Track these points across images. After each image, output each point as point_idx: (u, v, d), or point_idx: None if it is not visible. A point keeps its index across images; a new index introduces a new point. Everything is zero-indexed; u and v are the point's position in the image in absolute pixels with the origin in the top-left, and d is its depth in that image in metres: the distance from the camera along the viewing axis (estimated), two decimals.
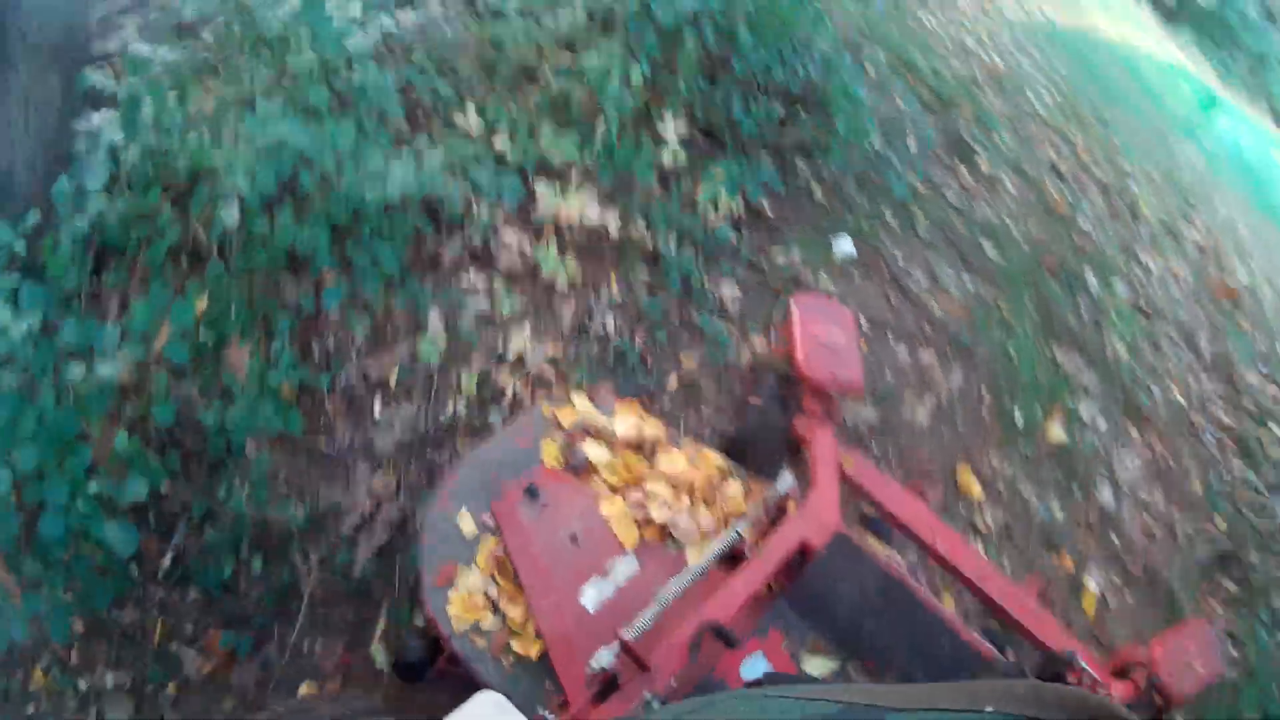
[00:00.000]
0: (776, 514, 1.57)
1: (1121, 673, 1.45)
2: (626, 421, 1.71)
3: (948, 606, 2.09)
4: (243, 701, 1.93)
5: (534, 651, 1.47)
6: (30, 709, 1.91)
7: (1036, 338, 3.24)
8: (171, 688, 1.94)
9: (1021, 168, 4.09)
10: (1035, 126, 4.47)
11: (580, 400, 1.74)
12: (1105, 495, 2.87)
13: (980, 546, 2.56)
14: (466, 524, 1.59)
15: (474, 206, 2.50)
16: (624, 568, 1.54)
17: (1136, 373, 3.40)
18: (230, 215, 2.05)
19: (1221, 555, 2.92)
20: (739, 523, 1.51)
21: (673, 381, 2.56)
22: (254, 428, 2.00)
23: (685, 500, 1.62)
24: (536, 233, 2.65)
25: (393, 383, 2.28)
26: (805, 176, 3.33)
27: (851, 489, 1.64)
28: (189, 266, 2.17)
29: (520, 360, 2.42)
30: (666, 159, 2.96)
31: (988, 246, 3.51)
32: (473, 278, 2.48)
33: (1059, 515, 2.77)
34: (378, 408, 2.25)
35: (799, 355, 1.67)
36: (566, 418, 1.72)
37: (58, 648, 1.93)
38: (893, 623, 1.41)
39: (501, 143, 2.72)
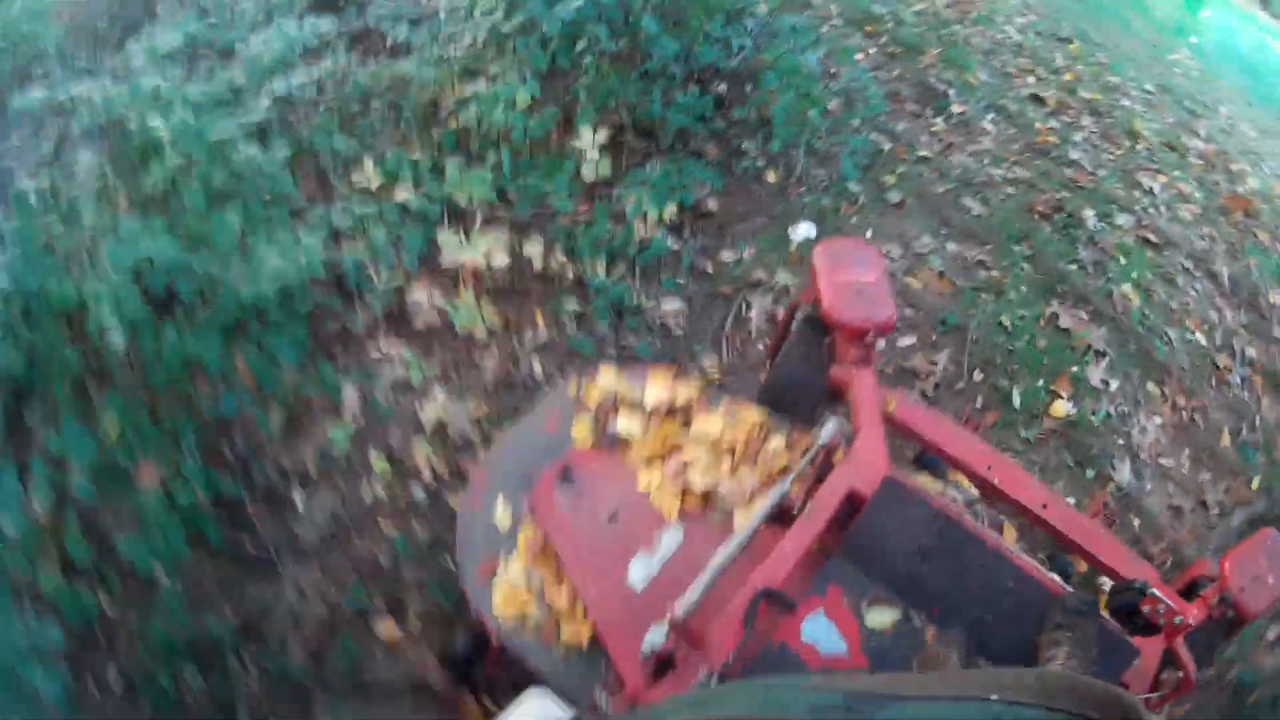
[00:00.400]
0: (823, 466, 1.49)
1: (1190, 592, 1.37)
2: (657, 389, 1.63)
3: (1009, 540, 1.93)
4: None
5: (584, 636, 1.44)
6: None
7: (1033, 300, 2.87)
8: None
9: (1000, 104, 3.69)
10: (1012, 56, 4.04)
11: (606, 374, 1.67)
12: (1123, 472, 2.52)
13: None
14: (502, 515, 1.57)
15: (373, 270, 2.41)
16: (669, 540, 1.49)
17: (1150, 318, 2.97)
18: (116, 340, 2.06)
19: (1255, 520, 2.53)
20: (784, 480, 1.43)
21: None
22: (164, 549, 2.02)
23: (726, 463, 1.55)
24: (452, 282, 2.54)
25: (313, 472, 2.25)
26: (752, 161, 3.05)
27: (898, 430, 1.57)
28: (102, 390, 2.20)
29: (442, 427, 2.34)
30: (587, 173, 2.77)
31: (969, 201, 3.13)
32: (384, 345, 2.41)
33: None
34: (299, 500, 2.23)
35: (826, 302, 1.60)
36: (594, 394, 1.66)
37: None
38: (953, 564, 1.33)
39: (404, 193, 2.62)
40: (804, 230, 2.92)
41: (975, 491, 2.20)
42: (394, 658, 2.10)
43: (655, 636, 1.24)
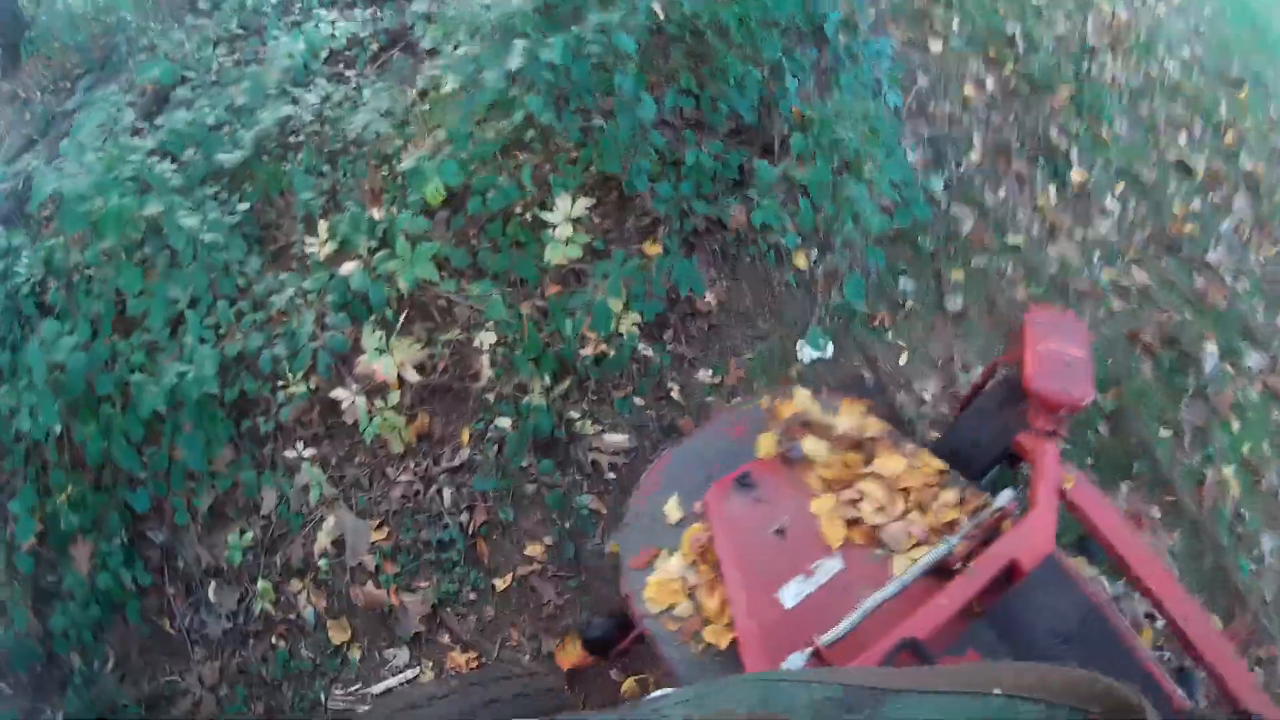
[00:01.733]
0: (989, 529, 1.53)
1: None
2: (849, 418, 1.69)
3: (1145, 642, 1.90)
4: None
5: (724, 642, 1.49)
6: None
7: (1098, 481, 2.03)
8: None
9: (1135, 171, 2.77)
10: (1164, 101, 3.01)
11: (801, 394, 1.73)
12: None
13: None
14: (673, 510, 1.64)
15: (288, 366, 2.27)
16: (828, 567, 1.52)
17: (1244, 522, 2.18)
18: (40, 433, 2.18)
19: None
20: (952, 537, 1.48)
21: (503, 581, 2.17)
22: (91, 622, 2.22)
23: (899, 504, 1.58)
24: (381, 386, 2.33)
25: (224, 567, 2.31)
26: (775, 239, 2.37)
27: (1069, 509, 1.59)
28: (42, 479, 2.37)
29: (339, 546, 2.26)
30: (552, 254, 2.33)
31: None
32: (299, 447, 2.32)
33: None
34: (212, 592, 2.31)
35: (1029, 369, 1.63)
36: (786, 410, 1.71)
37: None
38: (1088, 655, 1.37)
39: (351, 265, 2.39)
40: (814, 350, 2.26)
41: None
42: None
43: (795, 661, 1.31)
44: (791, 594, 1.49)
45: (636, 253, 2.40)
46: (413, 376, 2.24)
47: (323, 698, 2.18)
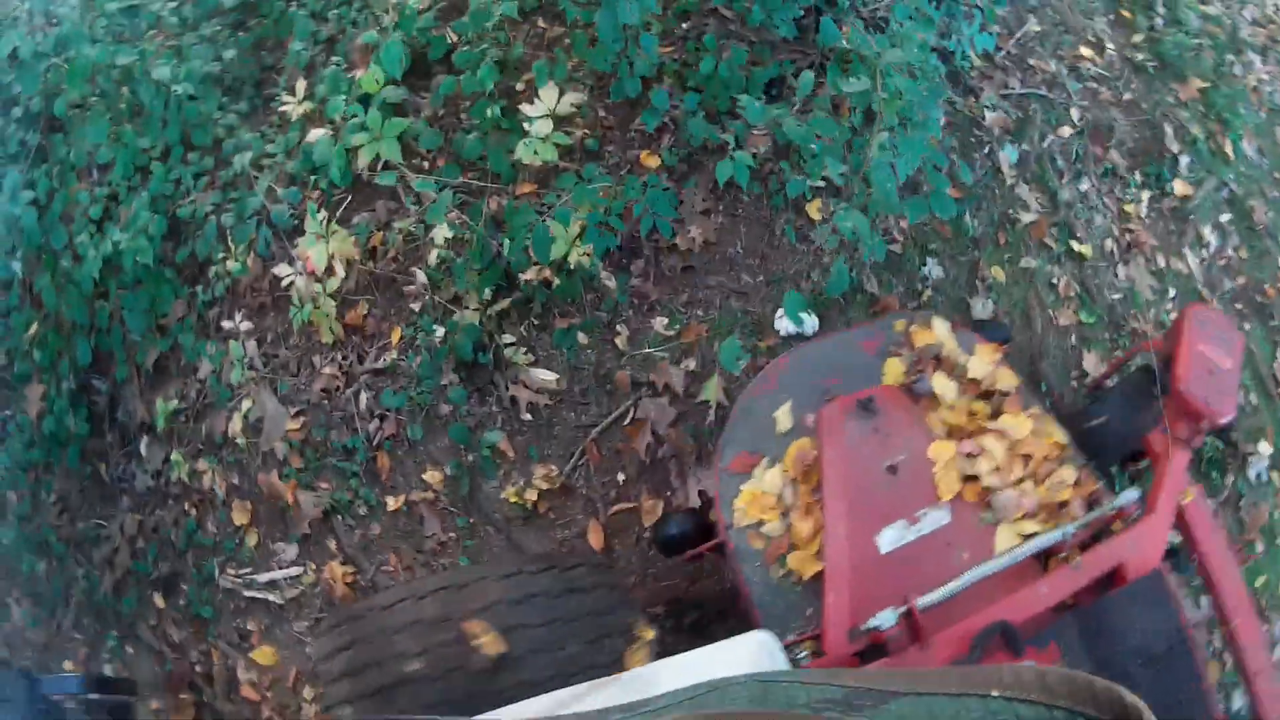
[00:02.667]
0: (1100, 526, 1.47)
1: None
2: (983, 363, 1.57)
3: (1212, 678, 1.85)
4: None
5: (809, 572, 1.42)
6: None
7: None
8: None
9: (1249, 203, 2.28)
10: None
11: (940, 325, 1.60)
12: None
13: None
14: (784, 418, 1.54)
15: (232, 239, 2.14)
16: (933, 519, 1.44)
17: None
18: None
19: None
20: (1068, 525, 1.41)
21: (394, 501, 1.99)
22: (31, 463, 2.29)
23: (1016, 470, 1.49)
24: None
25: (157, 427, 2.29)
26: (783, 183, 1.93)
27: (1179, 522, 1.51)
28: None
29: (258, 428, 2.16)
30: (524, 153, 2.03)
31: (1095, 364, 1.66)
32: (238, 323, 2.21)
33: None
34: (143, 446, 2.31)
35: (1180, 370, 1.53)
36: (920, 339, 1.60)
37: None
38: (1165, 684, 1.33)
39: (320, 131, 2.19)
40: (792, 323, 1.84)
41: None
42: (156, 635, 2.22)
43: (885, 618, 1.25)
44: (890, 539, 1.41)
45: (630, 164, 2.04)
46: (342, 272, 2.04)
47: (216, 574, 2.15)
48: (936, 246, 2.16)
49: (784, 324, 1.91)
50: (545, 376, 1.98)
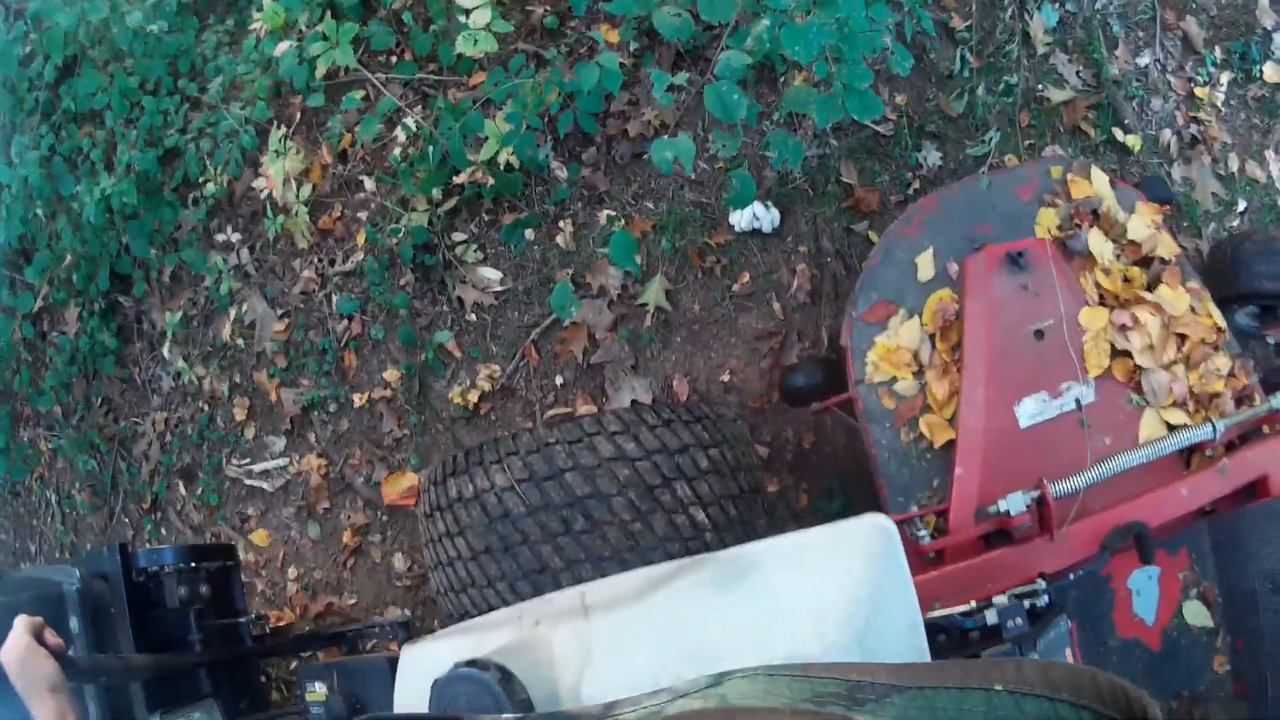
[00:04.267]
0: (1251, 428, 1.36)
1: None
2: (1143, 224, 1.44)
3: None
4: None
5: (940, 440, 1.32)
6: None
7: None
8: None
9: None
10: None
11: (1099, 177, 1.47)
12: None
13: None
14: (925, 265, 1.39)
15: (209, 164, 2.22)
16: (1077, 394, 1.32)
17: None
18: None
19: None
20: (1219, 421, 1.31)
21: (359, 398, 2.05)
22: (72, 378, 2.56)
23: (1169, 351, 1.39)
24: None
25: (169, 334, 2.47)
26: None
27: None
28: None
29: (254, 328, 2.28)
30: (464, 45, 1.95)
31: None
32: (230, 235, 2.31)
33: None
34: (166, 350, 2.50)
35: None
36: (1078, 190, 1.46)
37: None
38: None
39: (286, 45, 2.20)
40: (751, 215, 1.69)
41: None
42: (181, 518, 2.45)
43: (1015, 503, 1.18)
44: (1029, 411, 1.30)
45: (590, 44, 1.90)
46: (292, 194, 2.07)
47: (223, 464, 2.33)
48: (936, 127, 1.89)
49: (740, 216, 1.75)
50: (490, 275, 1.95)
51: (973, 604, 1.05)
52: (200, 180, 2.30)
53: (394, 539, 1.94)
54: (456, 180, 1.90)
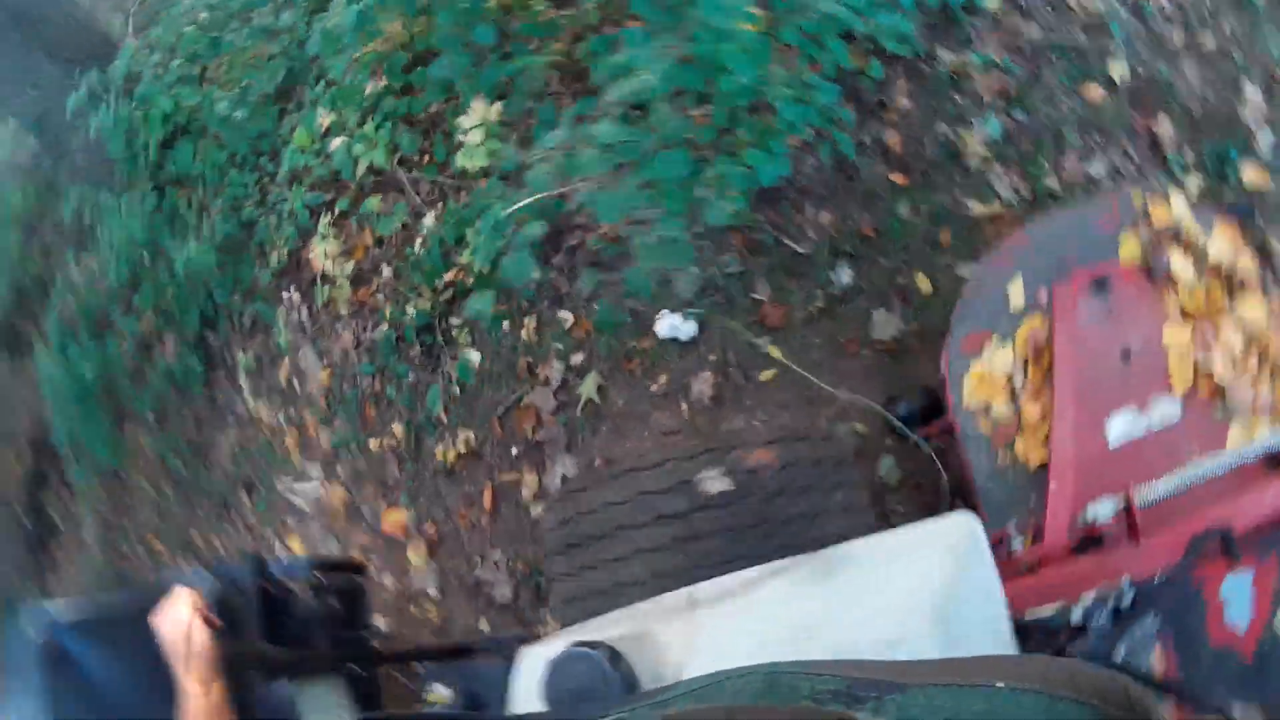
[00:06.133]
0: None
1: None
2: (1223, 243, 1.49)
3: None
4: None
5: (1035, 460, 1.39)
6: None
7: None
8: None
9: None
10: None
11: (1179, 200, 1.53)
12: None
13: None
14: (1016, 294, 1.48)
15: (274, 237, 2.77)
16: (1164, 411, 1.38)
17: None
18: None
19: None
20: None
21: (375, 444, 2.54)
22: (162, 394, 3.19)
23: (1252, 363, 1.42)
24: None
25: (242, 370, 3.05)
26: None
27: None
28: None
29: (301, 380, 2.82)
30: (464, 160, 2.40)
31: None
32: (291, 294, 2.86)
33: None
34: (242, 382, 3.09)
35: None
36: (1159, 216, 1.51)
37: None
38: None
39: (341, 139, 2.71)
40: (670, 324, 2.03)
41: None
42: (240, 524, 3.03)
43: (1103, 510, 1.23)
44: (1119, 429, 1.36)
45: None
46: (337, 269, 2.57)
47: (274, 482, 2.88)
48: (853, 247, 2.13)
49: (664, 323, 2.08)
50: (473, 357, 2.38)
51: (1061, 603, 1.12)
52: (268, 248, 2.86)
53: (385, 562, 2.42)
54: (445, 278, 2.35)
